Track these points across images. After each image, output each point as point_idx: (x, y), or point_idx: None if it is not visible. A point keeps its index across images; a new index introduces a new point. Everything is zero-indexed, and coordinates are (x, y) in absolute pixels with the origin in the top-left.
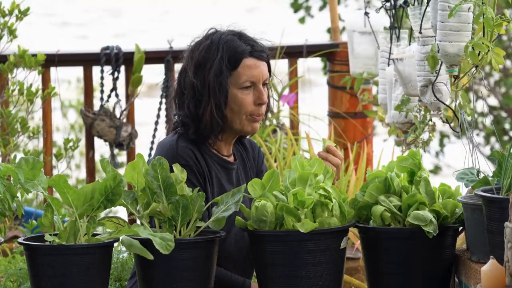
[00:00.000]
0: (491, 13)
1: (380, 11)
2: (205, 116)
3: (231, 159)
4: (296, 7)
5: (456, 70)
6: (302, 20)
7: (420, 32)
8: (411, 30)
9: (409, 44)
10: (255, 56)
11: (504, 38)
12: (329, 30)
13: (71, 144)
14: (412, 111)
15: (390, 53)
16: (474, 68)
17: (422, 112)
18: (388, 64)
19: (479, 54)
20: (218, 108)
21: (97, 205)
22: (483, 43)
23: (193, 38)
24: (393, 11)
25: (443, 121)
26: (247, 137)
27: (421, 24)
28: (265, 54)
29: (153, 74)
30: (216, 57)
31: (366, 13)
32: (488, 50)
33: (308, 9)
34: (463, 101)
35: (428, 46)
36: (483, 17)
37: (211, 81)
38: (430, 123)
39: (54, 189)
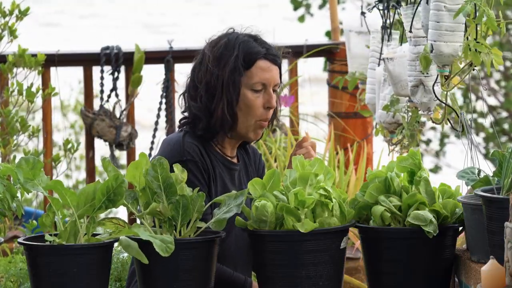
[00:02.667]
0: (491, 14)
1: (373, 10)
2: (217, 111)
3: (235, 160)
4: (296, 4)
5: (447, 70)
6: (301, 19)
7: (410, 31)
8: (403, 30)
9: (400, 44)
10: (269, 59)
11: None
12: (327, 33)
13: (70, 145)
14: (400, 112)
15: (381, 53)
16: (467, 67)
17: (410, 114)
18: (379, 64)
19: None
20: (230, 105)
21: (99, 205)
22: (482, 43)
23: (209, 37)
24: (386, 11)
25: (433, 122)
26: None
27: (411, 23)
28: (279, 59)
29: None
30: (233, 55)
31: (363, 13)
32: (488, 51)
33: (308, 6)
34: (453, 101)
35: (419, 46)
36: (484, 17)
37: (226, 78)
38: (420, 122)
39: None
